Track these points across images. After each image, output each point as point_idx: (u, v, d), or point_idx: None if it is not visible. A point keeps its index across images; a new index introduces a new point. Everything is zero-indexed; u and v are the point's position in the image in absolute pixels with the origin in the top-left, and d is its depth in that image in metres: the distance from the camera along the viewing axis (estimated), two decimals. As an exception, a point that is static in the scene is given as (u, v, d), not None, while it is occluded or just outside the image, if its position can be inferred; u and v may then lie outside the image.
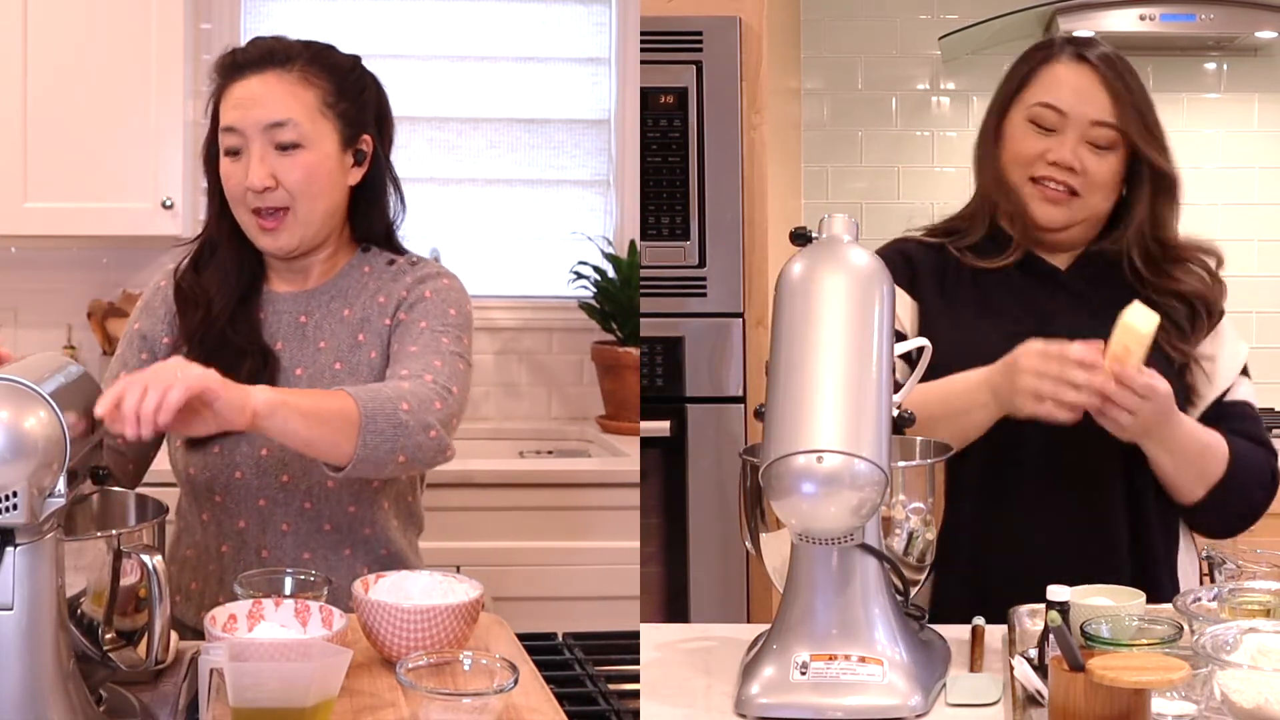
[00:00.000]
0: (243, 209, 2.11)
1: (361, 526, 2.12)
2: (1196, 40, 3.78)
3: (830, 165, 3.99)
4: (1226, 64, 3.92)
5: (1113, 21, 3.63)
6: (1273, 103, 3.93)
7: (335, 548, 2.10)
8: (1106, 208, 2.12)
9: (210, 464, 2.10)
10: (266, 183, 2.07)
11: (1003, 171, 2.14)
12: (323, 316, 2.15)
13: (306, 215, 2.10)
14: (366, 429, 1.88)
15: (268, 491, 2.09)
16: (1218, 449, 2.02)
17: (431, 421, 1.94)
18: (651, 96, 3.20)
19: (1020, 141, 2.12)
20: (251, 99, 2.09)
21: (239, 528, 2.10)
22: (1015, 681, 1.66)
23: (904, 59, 4.01)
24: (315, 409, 1.87)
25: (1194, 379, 2.09)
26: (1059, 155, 2.08)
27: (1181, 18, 3.63)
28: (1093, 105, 2.08)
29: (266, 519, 2.09)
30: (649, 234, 3.20)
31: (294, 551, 2.08)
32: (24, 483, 1.40)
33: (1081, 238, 2.15)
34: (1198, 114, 3.92)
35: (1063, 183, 2.09)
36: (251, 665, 1.49)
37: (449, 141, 4.14)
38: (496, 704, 1.50)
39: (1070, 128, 2.08)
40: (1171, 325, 2.07)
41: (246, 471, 2.09)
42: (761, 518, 1.80)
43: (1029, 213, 2.11)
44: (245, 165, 2.08)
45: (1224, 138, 3.92)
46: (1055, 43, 2.15)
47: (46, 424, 1.43)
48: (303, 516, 2.09)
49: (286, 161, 2.08)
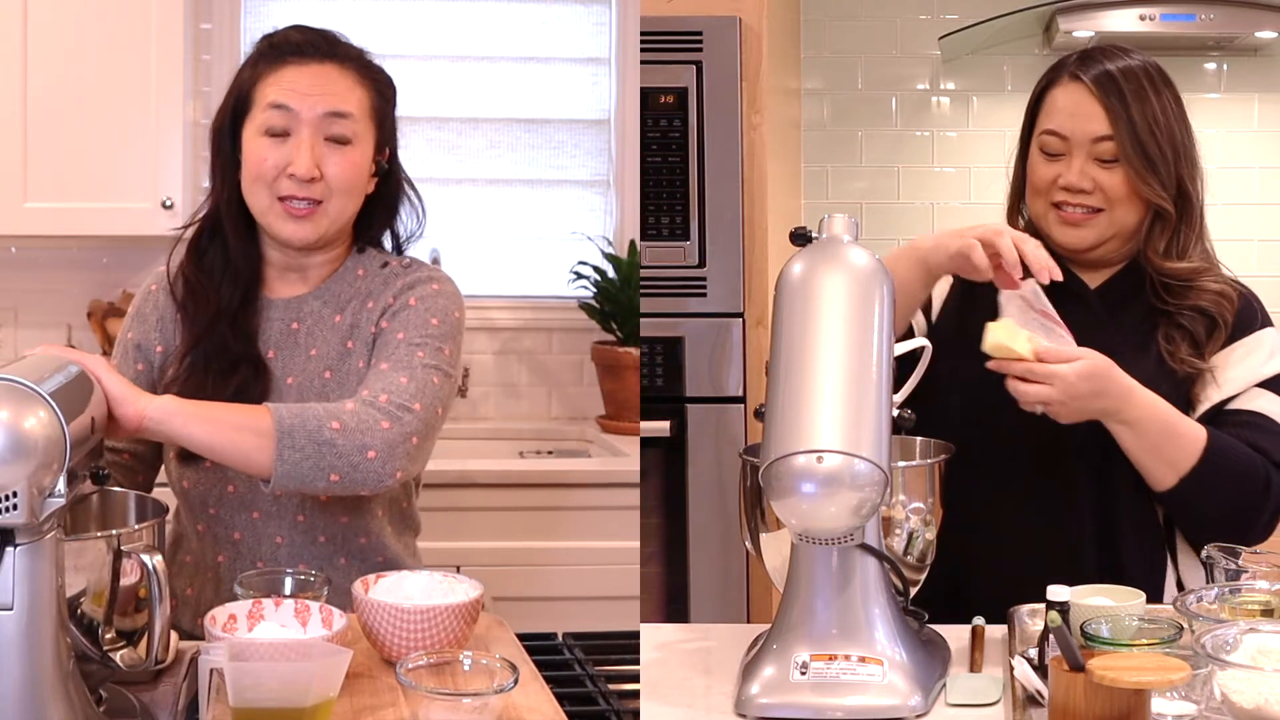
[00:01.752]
0: (266, 193, 2.05)
1: (356, 536, 2.10)
2: (1196, 40, 3.78)
3: (830, 165, 3.99)
4: (1226, 64, 3.92)
5: (1113, 21, 3.63)
6: (1273, 103, 3.92)
7: (330, 558, 2.09)
8: (1135, 220, 2.10)
9: (203, 478, 2.08)
10: (313, 173, 2.03)
11: (1028, 203, 2.16)
12: (314, 323, 2.11)
13: (337, 212, 2.08)
14: (282, 443, 1.86)
15: (261, 504, 2.07)
16: (1191, 435, 1.99)
17: (370, 443, 1.89)
18: (651, 96, 3.20)
19: (1034, 172, 2.13)
20: (313, 84, 2.05)
21: (234, 539, 2.09)
22: (1015, 681, 1.66)
23: (904, 59, 4.01)
24: (219, 419, 1.87)
25: (1201, 387, 2.07)
26: (1068, 179, 2.08)
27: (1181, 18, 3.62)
28: (1091, 123, 2.07)
29: (261, 531, 2.08)
30: (649, 234, 3.20)
31: (289, 564, 2.05)
32: (24, 483, 1.40)
33: (1119, 251, 2.13)
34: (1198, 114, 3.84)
35: (1080, 204, 2.09)
36: (251, 665, 1.49)
37: (449, 141, 4.14)
38: (496, 704, 1.50)
39: (1075, 150, 2.08)
40: (1184, 337, 2.07)
41: (239, 485, 2.07)
42: (761, 518, 1.80)
43: (1053, 238, 2.12)
44: (290, 150, 2.03)
45: (1224, 138, 3.92)
46: (1063, 64, 2.14)
47: (46, 424, 1.43)
48: (296, 528, 2.08)
49: (335, 155, 2.05)
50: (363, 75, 2.11)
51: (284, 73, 2.06)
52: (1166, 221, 2.09)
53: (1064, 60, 2.15)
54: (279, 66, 2.07)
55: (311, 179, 2.03)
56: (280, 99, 2.04)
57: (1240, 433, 2.03)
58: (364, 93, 2.10)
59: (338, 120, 2.05)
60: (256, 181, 2.06)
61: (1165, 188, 2.07)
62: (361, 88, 2.10)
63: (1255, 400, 2.06)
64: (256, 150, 2.05)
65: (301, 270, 2.14)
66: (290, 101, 2.04)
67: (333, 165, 2.05)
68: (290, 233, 2.06)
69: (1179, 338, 2.07)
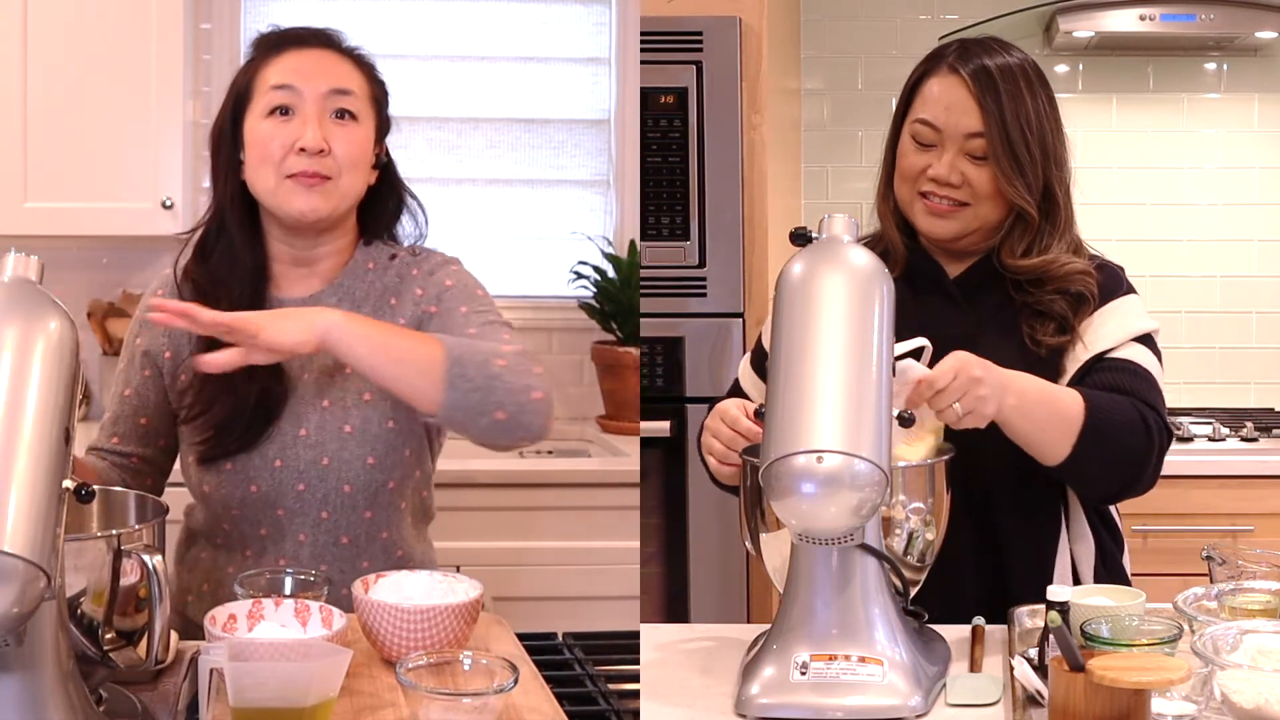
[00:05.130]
0: (274, 172, 2.04)
1: (379, 531, 2.11)
2: (1196, 40, 3.77)
3: (830, 165, 3.98)
4: (1226, 64, 3.92)
5: (1113, 21, 3.63)
6: (1273, 103, 3.92)
7: (353, 560, 2.09)
8: (999, 216, 2.09)
9: (224, 481, 2.07)
10: (322, 145, 2.03)
11: (895, 188, 2.14)
12: None
13: (347, 188, 2.08)
14: (452, 372, 1.86)
15: (285, 502, 2.07)
16: (1070, 399, 1.95)
17: (534, 385, 1.90)
18: (651, 96, 3.20)
19: (904, 159, 2.11)
20: (313, 65, 2.07)
21: (260, 534, 2.09)
22: (1015, 681, 1.66)
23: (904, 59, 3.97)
24: (387, 344, 1.88)
25: (1070, 354, 2.05)
26: (937, 171, 2.07)
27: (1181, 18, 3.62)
28: (965, 118, 2.05)
29: (285, 528, 2.08)
30: (649, 234, 3.20)
31: (310, 563, 2.06)
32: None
33: (981, 244, 2.12)
34: (1198, 114, 3.92)
35: (946, 196, 2.08)
36: (251, 665, 1.49)
37: (449, 141, 4.14)
38: (496, 704, 1.50)
39: (947, 142, 2.06)
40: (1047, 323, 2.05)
41: (262, 484, 2.07)
42: (761, 518, 1.80)
43: (918, 226, 2.11)
44: (296, 127, 2.04)
45: (1224, 138, 3.92)
46: (942, 54, 2.11)
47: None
48: (320, 526, 2.08)
49: (342, 131, 2.06)
50: (361, 64, 2.14)
51: (284, 58, 2.08)
52: (1028, 224, 2.07)
53: (944, 49, 2.12)
54: (278, 55, 2.09)
55: (320, 151, 2.03)
56: (283, 79, 2.06)
57: (1109, 377, 2.01)
58: (364, 79, 2.12)
59: (342, 96, 2.07)
60: (263, 163, 2.05)
61: (1031, 190, 2.06)
62: (360, 74, 2.12)
63: (1125, 350, 2.05)
64: (262, 133, 2.05)
65: (310, 264, 2.13)
66: (293, 80, 2.05)
67: (339, 140, 2.05)
68: (302, 204, 2.05)
69: (1039, 325, 2.06)
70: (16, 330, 1.43)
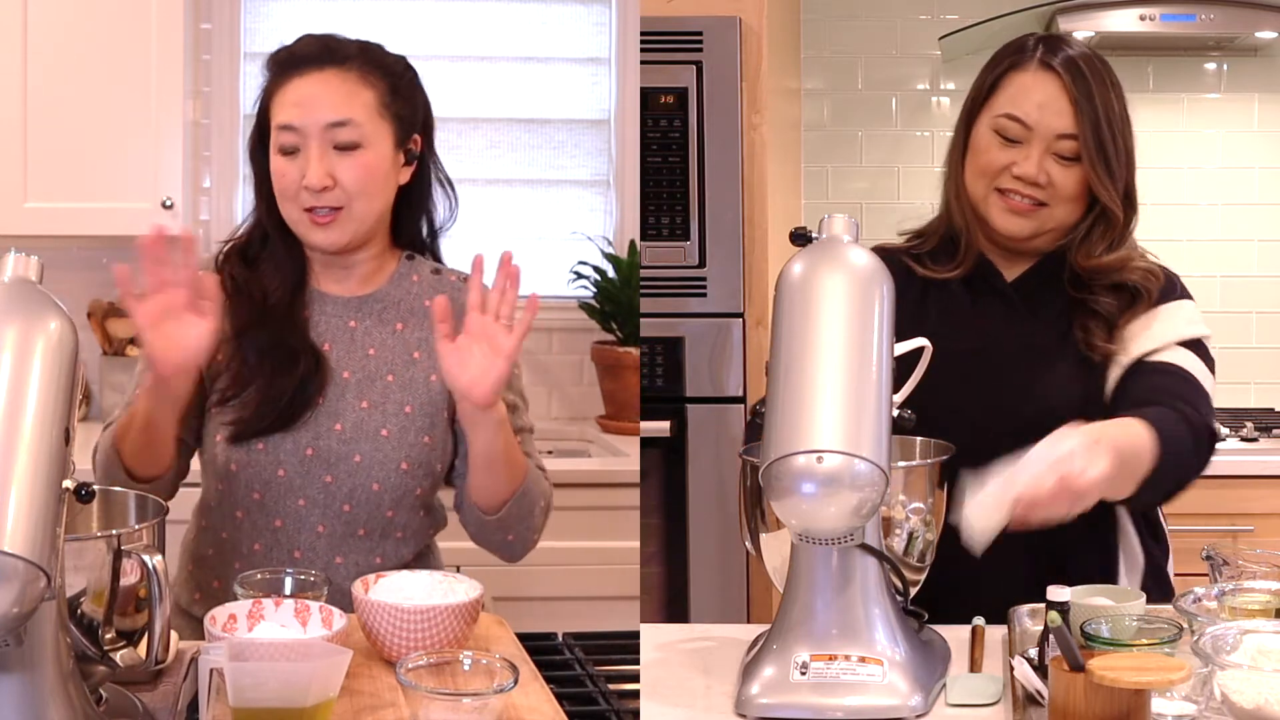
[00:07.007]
0: (293, 206, 2.10)
1: (394, 530, 2.13)
2: (1196, 40, 3.77)
3: (830, 165, 3.98)
4: (1226, 64, 3.92)
5: (1113, 21, 3.62)
6: (1273, 103, 3.92)
7: (367, 554, 2.11)
8: (1074, 218, 2.07)
9: (254, 460, 2.09)
10: (325, 182, 2.07)
11: (966, 182, 2.10)
12: (373, 324, 2.16)
13: (362, 213, 2.11)
14: (520, 496, 2.09)
15: (309, 492, 2.09)
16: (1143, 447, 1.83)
17: (540, 526, 2.17)
18: (651, 96, 3.20)
19: (985, 154, 2.06)
20: (312, 98, 2.09)
21: (275, 526, 2.10)
22: (1015, 681, 1.66)
23: (904, 59, 4.00)
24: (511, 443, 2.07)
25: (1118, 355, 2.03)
26: (1024, 170, 2.03)
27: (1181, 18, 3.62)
28: (1058, 118, 2.02)
29: (303, 519, 2.10)
30: (649, 234, 3.20)
31: (326, 555, 2.09)
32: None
33: (1047, 246, 2.11)
34: (1198, 114, 3.92)
35: (1028, 195, 2.05)
36: (251, 665, 1.49)
37: (449, 141, 4.11)
38: (496, 704, 1.50)
39: (1035, 140, 2.03)
40: (1098, 322, 2.04)
41: (290, 470, 2.08)
42: (761, 518, 1.80)
43: (993, 223, 2.08)
44: (302, 164, 2.08)
45: (1224, 138, 3.92)
46: (1025, 47, 2.08)
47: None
48: (340, 519, 2.10)
49: (346, 161, 2.09)
50: (365, 74, 2.13)
51: (288, 90, 2.11)
52: (1111, 224, 2.06)
53: (1024, 43, 2.09)
54: (284, 83, 2.12)
55: (325, 188, 2.08)
56: (285, 119, 2.10)
57: (1151, 380, 1.99)
58: (369, 93, 2.12)
59: (341, 128, 2.09)
60: (283, 199, 2.12)
61: (1118, 189, 2.05)
62: (365, 88, 2.12)
63: (1169, 353, 2.01)
64: (276, 169, 2.11)
65: (346, 269, 2.18)
66: (294, 120, 2.09)
67: (344, 171, 2.09)
68: (319, 239, 2.12)
69: (1093, 325, 2.04)
70: (16, 330, 1.43)
